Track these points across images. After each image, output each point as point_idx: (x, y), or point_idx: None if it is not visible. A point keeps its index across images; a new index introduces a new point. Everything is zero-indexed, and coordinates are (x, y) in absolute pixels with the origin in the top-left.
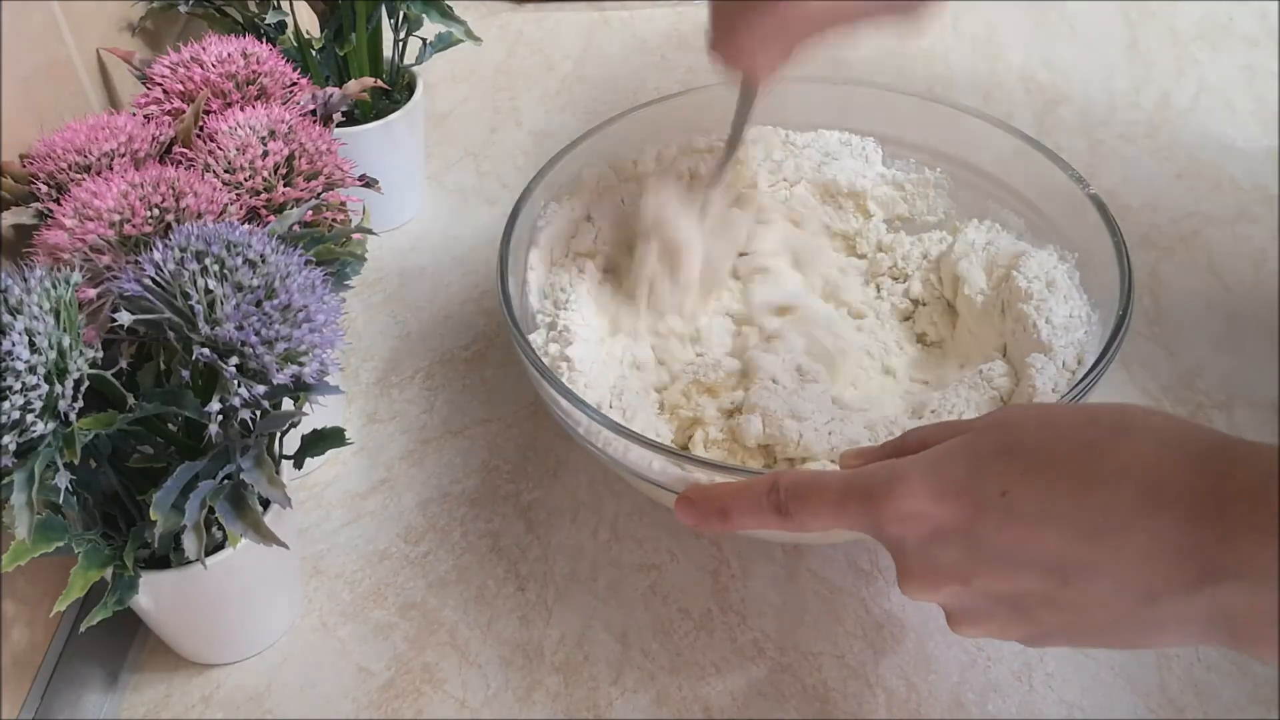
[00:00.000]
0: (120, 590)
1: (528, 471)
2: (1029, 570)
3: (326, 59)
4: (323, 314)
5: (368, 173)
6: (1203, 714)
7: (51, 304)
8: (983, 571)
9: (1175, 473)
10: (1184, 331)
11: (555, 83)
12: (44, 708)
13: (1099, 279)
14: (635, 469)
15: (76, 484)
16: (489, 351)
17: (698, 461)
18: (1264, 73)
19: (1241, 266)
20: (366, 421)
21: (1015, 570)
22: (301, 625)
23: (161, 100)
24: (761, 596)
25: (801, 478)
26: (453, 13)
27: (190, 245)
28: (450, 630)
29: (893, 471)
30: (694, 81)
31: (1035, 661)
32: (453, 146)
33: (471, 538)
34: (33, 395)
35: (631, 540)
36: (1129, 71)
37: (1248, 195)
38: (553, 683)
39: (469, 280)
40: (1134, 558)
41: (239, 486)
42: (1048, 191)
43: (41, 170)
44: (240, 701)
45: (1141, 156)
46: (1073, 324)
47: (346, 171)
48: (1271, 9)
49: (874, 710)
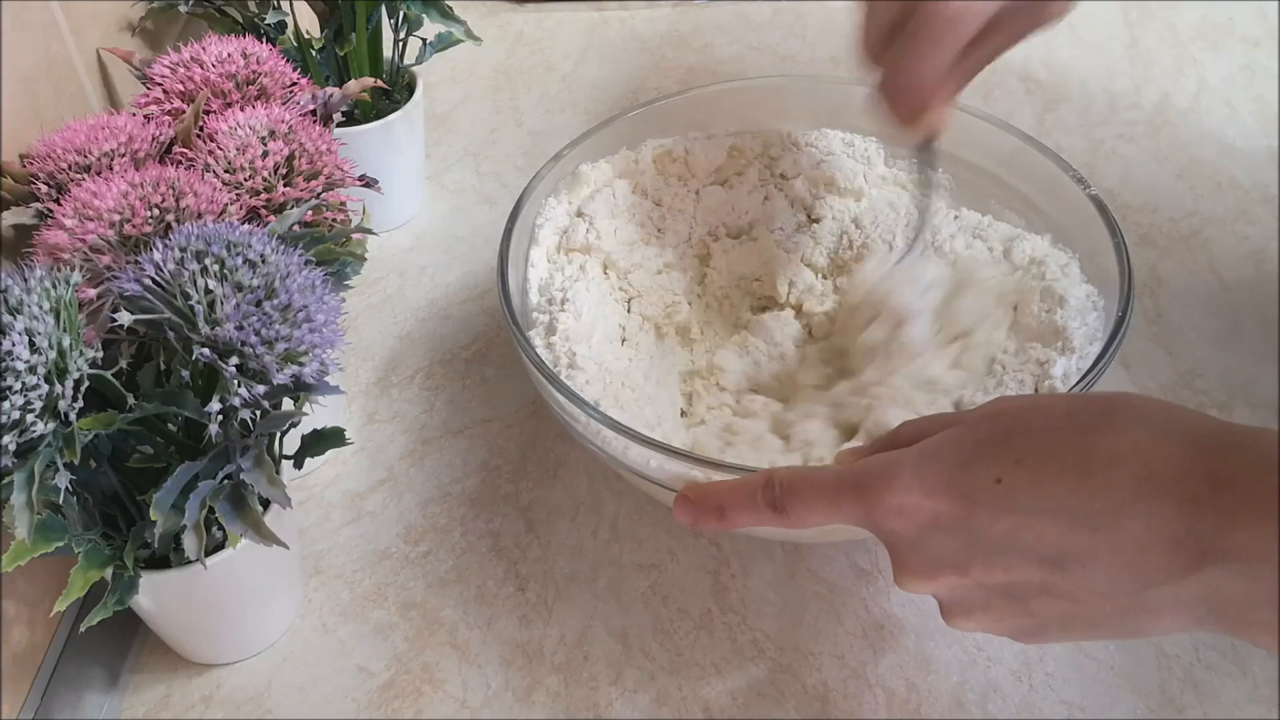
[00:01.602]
0: (120, 590)
1: (528, 471)
2: (1025, 559)
3: (326, 59)
4: (323, 314)
5: (368, 173)
6: (1203, 714)
7: (51, 304)
8: (978, 561)
9: (1168, 459)
10: (1184, 331)
11: (555, 83)
12: (44, 708)
13: (1100, 278)
14: (634, 467)
15: (76, 484)
16: (489, 351)
17: (695, 459)
18: (1264, 73)
19: (1241, 266)
20: (366, 421)
21: (1011, 559)
22: (301, 625)
23: (161, 100)
24: (761, 596)
25: (795, 474)
26: (453, 13)
27: (190, 245)
28: (450, 630)
29: (885, 465)
30: (694, 81)
31: (1035, 661)
32: (453, 146)
33: (471, 538)
34: (33, 395)
35: (631, 540)
36: (1129, 71)
37: (1248, 195)
38: (553, 683)
39: (469, 280)
40: (1129, 545)
41: (239, 486)
42: (1048, 191)
43: (41, 170)
44: (240, 701)
45: (1141, 156)
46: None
47: (346, 171)
48: (1271, 9)
49: (874, 710)
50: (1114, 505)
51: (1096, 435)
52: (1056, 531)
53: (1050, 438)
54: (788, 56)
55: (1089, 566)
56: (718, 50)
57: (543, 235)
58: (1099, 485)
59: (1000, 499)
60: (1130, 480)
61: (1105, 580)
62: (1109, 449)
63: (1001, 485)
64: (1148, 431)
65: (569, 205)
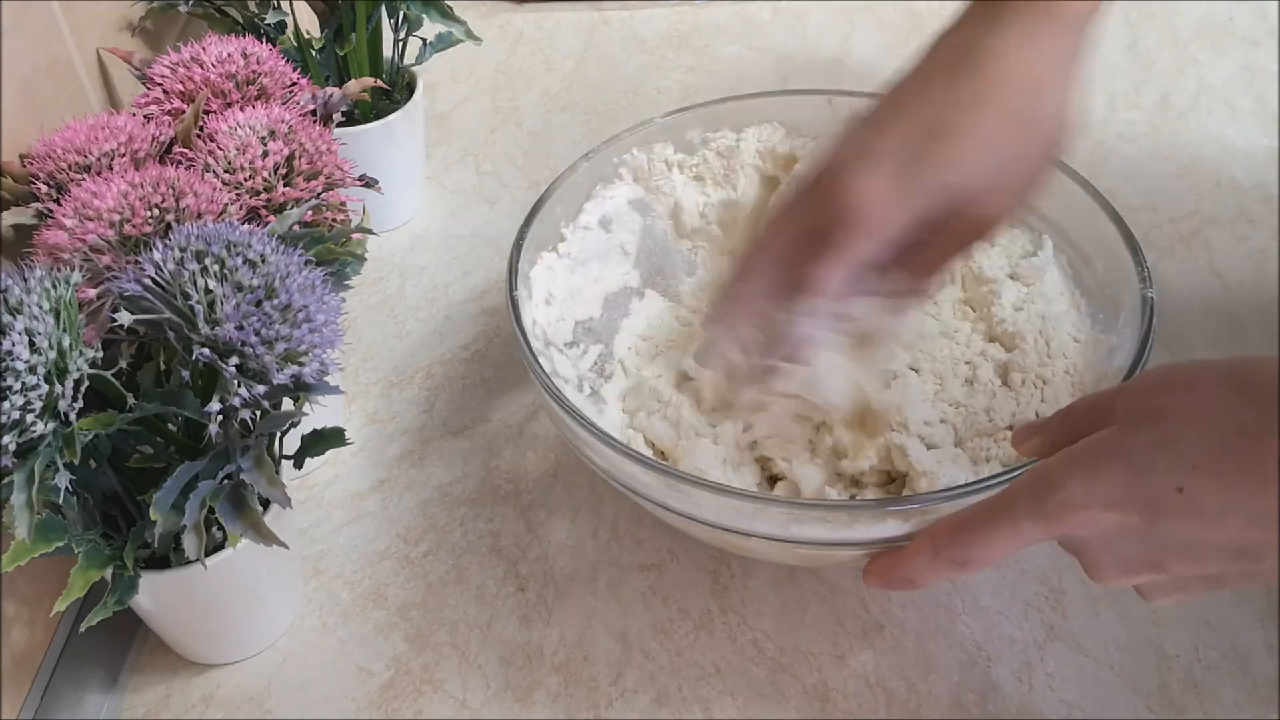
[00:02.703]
0: (120, 590)
1: (528, 471)
2: (1218, 555)
3: (326, 59)
4: (323, 314)
5: (368, 173)
6: (1203, 714)
7: (51, 304)
8: (1172, 559)
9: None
10: (1184, 331)
11: (555, 83)
12: (44, 708)
13: (1100, 277)
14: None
15: (76, 484)
16: (489, 351)
17: (733, 493)
18: (1264, 73)
19: (1241, 266)
20: (366, 421)
21: (1204, 555)
22: (301, 625)
23: (161, 100)
24: (761, 596)
25: (957, 525)
26: (453, 13)
27: (190, 245)
28: (450, 630)
29: (1051, 483)
30: (693, 82)
31: (1035, 661)
32: (453, 146)
33: (471, 538)
34: (33, 395)
35: (631, 540)
36: (1129, 71)
37: (1248, 195)
38: (553, 683)
39: (469, 280)
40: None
41: (239, 486)
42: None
43: (41, 170)
44: (240, 701)
45: (1141, 156)
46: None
47: (346, 171)
48: (1271, 9)
49: (874, 710)
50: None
51: (1268, 436)
52: (1245, 529)
53: (1223, 438)
54: (787, 57)
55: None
56: (718, 50)
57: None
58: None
59: (1185, 506)
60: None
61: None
62: None
63: (1184, 494)
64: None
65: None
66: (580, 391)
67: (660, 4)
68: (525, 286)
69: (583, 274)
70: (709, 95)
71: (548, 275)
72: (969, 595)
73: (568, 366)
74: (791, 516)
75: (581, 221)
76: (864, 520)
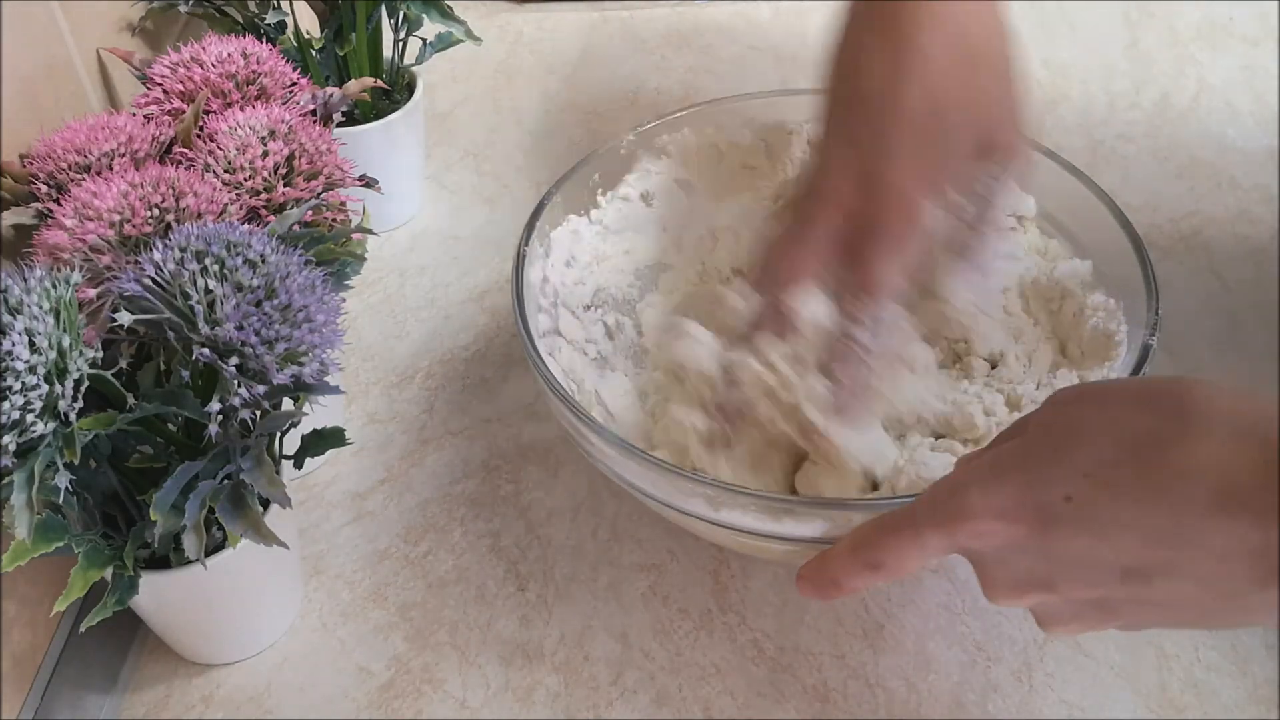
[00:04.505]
0: (120, 590)
1: (528, 471)
2: (1108, 574)
3: (326, 59)
4: (323, 314)
5: (368, 173)
6: (1203, 714)
7: (51, 304)
8: (1061, 579)
9: (1243, 469)
10: (1184, 331)
11: (555, 83)
12: (44, 708)
13: (1103, 277)
14: (668, 501)
15: (76, 484)
16: (489, 351)
17: (731, 490)
18: (1264, 73)
19: (1241, 266)
20: (367, 421)
21: (1094, 575)
22: (301, 625)
23: (161, 100)
24: (761, 596)
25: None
26: (453, 13)
27: (190, 245)
28: (450, 630)
29: (953, 489)
30: (694, 82)
31: (1035, 661)
32: (453, 146)
33: (471, 538)
34: (33, 395)
35: (631, 540)
36: (1129, 71)
37: (1248, 195)
38: (553, 683)
39: (469, 280)
40: (1210, 559)
41: (239, 486)
42: (1049, 190)
43: (41, 170)
44: (240, 701)
45: (1141, 156)
46: None
47: (346, 171)
48: (1271, 9)
49: (874, 710)
50: (1191, 521)
51: (1168, 444)
52: (1135, 546)
53: (1118, 449)
54: (788, 57)
55: (1173, 578)
56: (718, 50)
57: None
58: (1175, 501)
59: (1073, 518)
60: (1208, 497)
61: (1192, 589)
62: (1183, 462)
63: (1072, 503)
64: (1221, 438)
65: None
66: (584, 355)
67: (660, 4)
68: (543, 244)
69: (615, 243)
70: (709, 95)
71: (572, 239)
72: (969, 595)
73: (576, 329)
74: (719, 501)
75: (620, 192)
76: (790, 516)
